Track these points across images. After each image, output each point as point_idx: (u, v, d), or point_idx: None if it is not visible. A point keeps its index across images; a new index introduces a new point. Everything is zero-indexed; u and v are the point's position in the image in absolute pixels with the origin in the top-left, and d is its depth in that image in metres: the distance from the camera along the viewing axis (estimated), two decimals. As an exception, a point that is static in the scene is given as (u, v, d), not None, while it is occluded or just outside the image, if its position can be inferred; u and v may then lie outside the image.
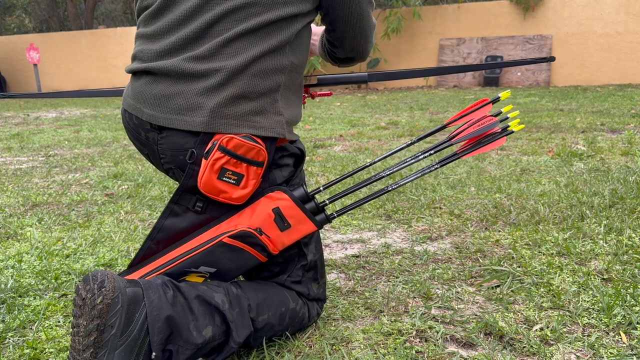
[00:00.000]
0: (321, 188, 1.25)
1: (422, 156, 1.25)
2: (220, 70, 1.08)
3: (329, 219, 1.23)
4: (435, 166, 1.24)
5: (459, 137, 1.24)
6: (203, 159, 1.09)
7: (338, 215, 1.26)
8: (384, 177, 1.27)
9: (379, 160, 1.32)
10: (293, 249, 1.25)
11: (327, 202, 1.25)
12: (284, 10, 1.10)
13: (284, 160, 1.21)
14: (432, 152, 1.25)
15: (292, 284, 1.26)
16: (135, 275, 1.15)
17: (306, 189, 1.21)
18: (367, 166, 1.32)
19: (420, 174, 1.25)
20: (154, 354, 0.98)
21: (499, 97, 1.26)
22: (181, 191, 1.15)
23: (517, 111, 1.30)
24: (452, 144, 1.25)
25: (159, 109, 1.13)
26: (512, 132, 1.21)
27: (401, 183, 1.25)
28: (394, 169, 1.25)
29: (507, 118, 1.24)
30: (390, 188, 1.25)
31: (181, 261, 1.13)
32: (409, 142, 1.32)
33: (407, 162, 1.26)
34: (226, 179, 1.09)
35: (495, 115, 1.24)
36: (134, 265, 1.18)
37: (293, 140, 1.24)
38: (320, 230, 2.06)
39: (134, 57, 1.21)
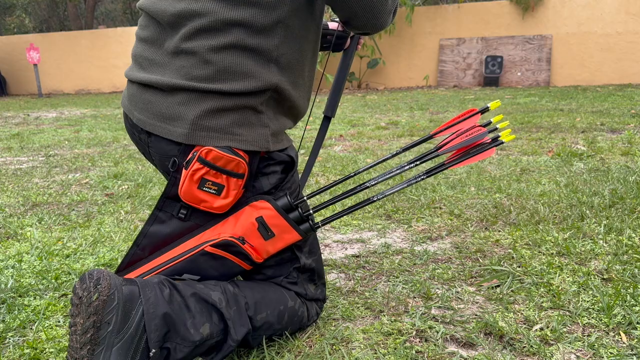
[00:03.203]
0: (305, 198, 1.24)
1: (407, 167, 1.23)
2: (200, 88, 1.08)
3: (313, 228, 1.22)
4: (422, 176, 1.22)
5: (447, 148, 1.22)
6: (183, 169, 1.11)
7: (323, 225, 1.25)
8: (369, 187, 1.25)
9: (364, 170, 1.30)
10: (285, 253, 1.25)
11: (311, 211, 1.23)
12: (268, 17, 1.07)
13: (270, 169, 1.20)
14: (418, 162, 1.23)
15: (289, 285, 1.26)
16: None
17: (290, 199, 1.20)
18: (352, 176, 1.30)
19: (406, 184, 1.23)
20: (152, 350, 0.98)
21: (488, 107, 1.24)
22: (165, 198, 1.16)
23: (507, 121, 1.28)
24: (439, 155, 1.23)
25: (146, 114, 1.15)
26: (502, 142, 1.19)
27: (387, 193, 1.23)
28: (379, 179, 1.24)
29: (497, 129, 1.22)
30: (376, 198, 1.24)
31: (164, 269, 1.14)
32: (395, 152, 1.29)
33: (393, 172, 1.24)
34: (207, 189, 1.10)
35: (485, 126, 1.22)
36: (120, 270, 1.19)
37: (283, 148, 1.22)
38: (319, 232, 2.06)
39: (132, 59, 1.22)
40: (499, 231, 1.96)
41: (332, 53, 1.57)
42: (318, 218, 2.18)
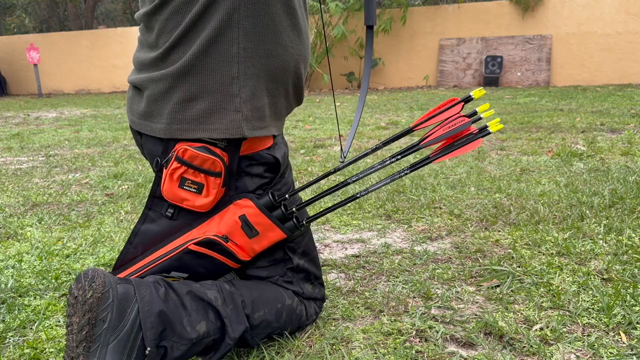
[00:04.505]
0: (287, 196, 1.22)
1: (389, 161, 1.19)
2: (165, 77, 1.09)
3: (297, 226, 1.22)
4: (406, 171, 1.18)
5: (429, 140, 1.16)
6: (164, 168, 1.13)
7: (308, 223, 1.24)
8: (349, 183, 1.22)
9: (345, 166, 1.25)
10: (278, 253, 1.25)
11: (294, 209, 1.22)
12: None
13: (253, 169, 1.19)
14: (399, 157, 1.19)
15: (285, 284, 1.26)
16: None
17: (273, 197, 1.19)
18: (333, 172, 1.26)
19: (390, 180, 1.19)
20: (148, 349, 0.99)
21: (471, 96, 1.17)
22: (153, 197, 1.19)
23: (493, 110, 1.21)
24: (420, 148, 1.17)
25: (135, 114, 1.18)
26: (490, 132, 1.13)
27: (371, 189, 1.21)
28: (360, 175, 1.21)
29: (481, 118, 1.15)
30: (359, 195, 1.21)
31: (153, 266, 1.16)
32: (375, 147, 1.24)
33: (375, 167, 1.21)
34: (187, 188, 1.12)
35: (469, 116, 1.15)
36: (116, 269, 1.21)
37: (268, 145, 1.20)
38: (318, 232, 2.06)
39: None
40: (499, 231, 1.96)
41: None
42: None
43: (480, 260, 1.70)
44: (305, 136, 4.60)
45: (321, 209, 2.32)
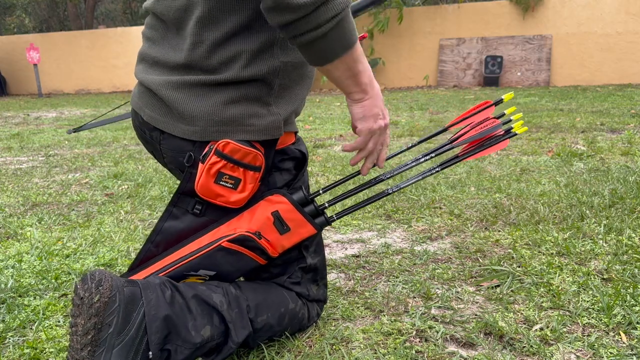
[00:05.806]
0: (320, 191, 1.24)
1: (423, 159, 1.23)
2: (203, 81, 1.07)
3: (328, 222, 1.22)
4: (437, 169, 1.22)
5: (461, 140, 1.22)
6: (200, 163, 1.09)
7: (338, 218, 1.25)
8: (384, 180, 1.25)
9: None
10: (293, 252, 1.24)
11: (326, 204, 1.23)
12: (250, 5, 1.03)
13: (284, 164, 1.20)
14: (433, 155, 1.24)
15: (292, 285, 1.26)
16: (134, 278, 1.15)
17: (305, 192, 1.20)
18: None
19: (421, 177, 1.23)
20: (150, 353, 0.98)
21: (502, 99, 1.24)
22: (180, 194, 1.15)
23: (521, 113, 1.28)
24: (453, 147, 1.23)
25: (158, 112, 1.13)
26: (515, 134, 1.20)
27: (402, 186, 1.23)
28: (395, 172, 1.24)
29: (510, 120, 1.22)
30: (391, 191, 1.23)
31: (180, 265, 1.13)
32: (410, 145, 1.30)
33: (408, 165, 1.25)
34: (223, 183, 1.09)
35: (498, 118, 1.22)
36: (134, 268, 1.18)
37: (294, 140, 1.22)
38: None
39: (139, 58, 1.20)
40: (499, 231, 1.96)
41: None
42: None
43: (480, 260, 1.70)
44: (305, 136, 4.60)
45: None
